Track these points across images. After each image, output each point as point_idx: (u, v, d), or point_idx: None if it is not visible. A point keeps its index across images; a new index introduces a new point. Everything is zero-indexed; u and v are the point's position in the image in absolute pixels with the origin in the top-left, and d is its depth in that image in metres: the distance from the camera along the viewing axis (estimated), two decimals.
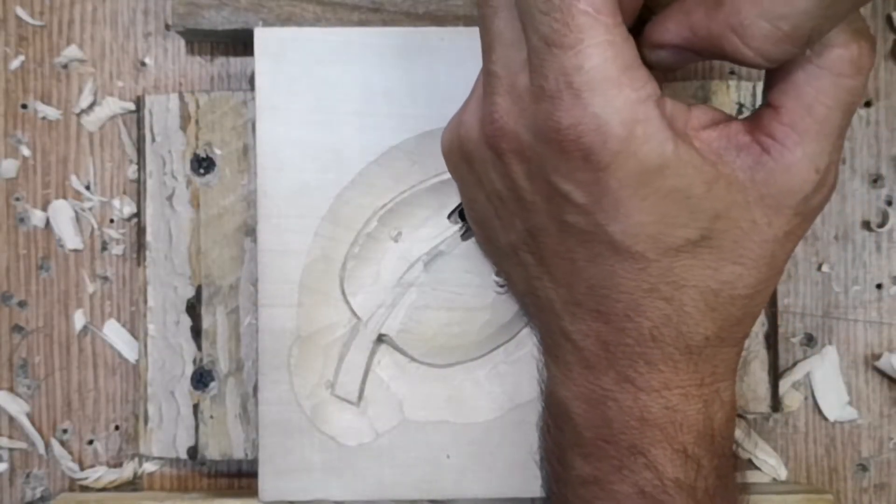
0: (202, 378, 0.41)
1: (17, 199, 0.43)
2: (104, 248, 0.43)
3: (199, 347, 0.41)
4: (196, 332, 0.41)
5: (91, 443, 0.43)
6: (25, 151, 0.43)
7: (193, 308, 0.41)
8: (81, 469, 0.43)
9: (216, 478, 0.44)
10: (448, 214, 0.39)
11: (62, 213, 0.43)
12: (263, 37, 0.39)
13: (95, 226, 0.43)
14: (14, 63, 0.43)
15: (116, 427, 0.43)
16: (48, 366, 0.43)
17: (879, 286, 0.44)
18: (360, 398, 0.39)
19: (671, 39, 0.28)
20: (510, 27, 0.29)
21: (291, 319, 0.39)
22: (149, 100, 0.41)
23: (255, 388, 0.41)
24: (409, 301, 0.39)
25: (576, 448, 0.32)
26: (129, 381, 0.43)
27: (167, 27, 0.43)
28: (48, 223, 0.43)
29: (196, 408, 0.41)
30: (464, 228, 0.39)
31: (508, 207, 0.32)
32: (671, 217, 0.28)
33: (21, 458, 0.43)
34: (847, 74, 0.28)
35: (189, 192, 0.41)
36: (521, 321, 0.39)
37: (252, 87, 0.41)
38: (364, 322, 0.39)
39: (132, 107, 0.43)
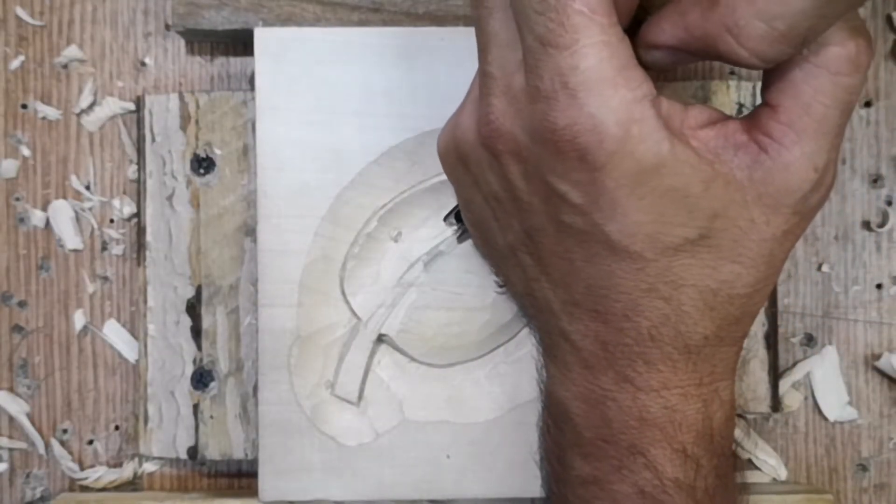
0: (202, 378, 0.41)
1: (17, 199, 0.43)
2: (104, 248, 0.43)
3: (199, 347, 0.41)
4: (196, 332, 0.41)
5: (91, 443, 0.43)
6: (25, 151, 0.43)
7: (193, 308, 0.41)
8: (81, 469, 0.43)
9: (216, 478, 0.44)
10: (444, 217, 0.39)
11: (62, 213, 0.43)
12: (263, 37, 0.39)
13: (95, 226, 0.43)
14: (14, 63, 0.43)
15: (116, 427, 0.43)
16: (48, 366, 0.43)
17: (879, 286, 0.44)
18: (360, 398, 0.39)
19: (666, 40, 0.28)
20: (505, 28, 0.29)
21: (291, 319, 0.39)
22: (149, 100, 0.41)
23: (255, 388, 0.41)
24: (409, 301, 0.39)
25: (575, 448, 0.32)
26: (129, 381, 0.43)
27: (167, 27, 0.43)
28: (48, 223, 0.43)
29: (196, 408, 0.41)
30: (460, 231, 0.39)
31: (505, 208, 0.32)
32: (669, 216, 0.28)
33: (21, 458, 0.43)
34: (845, 73, 0.28)
35: (189, 192, 0.41)
36: (521, 321, 0.39)
37: (252, 87, 0.41)
38: (364, 322, 0.39)
39: (132, 107, 0.43)
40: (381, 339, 0.40)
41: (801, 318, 0.44)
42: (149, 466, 0.43)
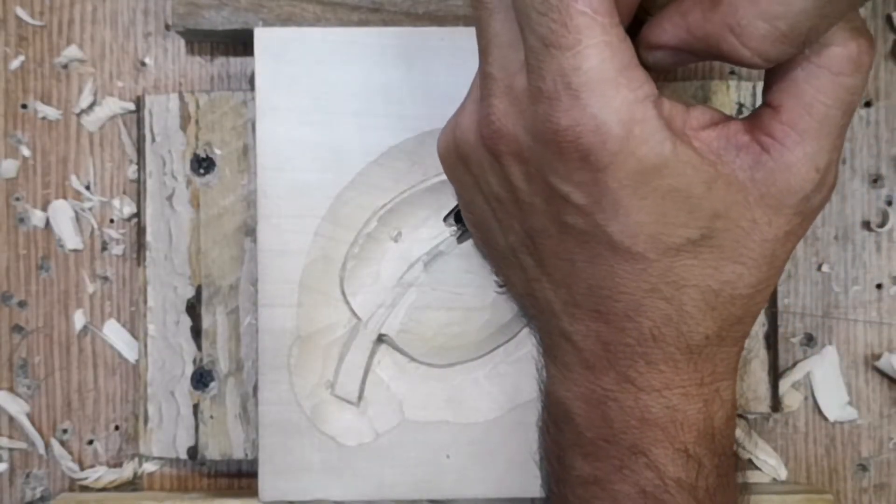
0: (202, 378, 0.41)
1: (17, 199, 0.43)
2: (104, 248, 0.43)
3: (199, 347, 0.41)
4: (196, 332, 0.41)
5: (91, 443, 0.43)
6: (25, 151, 0.43)
7: (193, 308, 0.41)
8: (81, 469, 0.43)
9: (216, 478, 0.44)
10: (444, 217, 0.39)
11: (62, 213, 0.43)
12: (263, 37, 0.39)
13: (95, 226, 0.43)
14: (14, 63, 0.43)
15: (116, 427, 0.43)
16: (48, 366, 0.43)
17: (879, 286, 0.44)
18: (360, 398, 0.39)
19: (668, 40, 0.28)
20: (506, 28, 0.29)
21: (291, 319, 0.39)
22: (149, 100, 0.41)
23: (255, 388, 0.41)
24: (409, 301, 0.39)
25: (576, 448, 0.32)
26: (129, 381, 0.43)
27: (167, 27, 0.43)
28: (48, 223, 0.43)
29: (196, 408, 0.41)
30: (459, 231, 0.39)
31: (507, 209, 0.32)
32: (671, 217, 0.28)
33: (21, 458, 0.43)
34: (846, 73, 0.28)
35: (189, 192, 0.41)
36: (521, 321, 0.39)
37: (252, 87, 0.41)
38: (364, 322, 0.39)
39: (132, 107, 0.43)
40: (381, 339, 0.40)
41: (801, 318, 0.44)
42: (149, 466, 0.43)
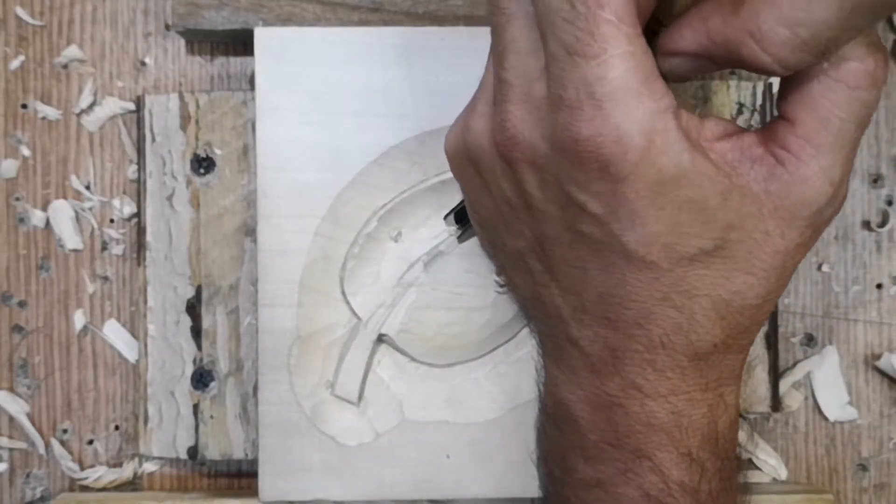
0: (202, 378, 0.41)
1: (17, 199, 0.43)
2: (104, 248, 0.43)
3: (199, 347, 0.41)
4: (196, 332, 0.41)
5: (91, 443, 0.43)
6: (25, 151, 0.43)
7: (193, 308, 0.41)
8: (81, 469, 0.43)
9: (216, 478, 0.44)
10: (445, 216, 0.39)
11: (62, 213, 0.43)
12: (263, 36, 0.39)
13: (95, 226, 0.43)
14: (14, 63, 0.43)
15: (116, 427, 0.43)
16: (48, 366, 0.43)
17: (879, 286, 0.44)
18: (360, 398, 0.39)
19: (687, 46, 0.28)
20: (525, 35, 0.29)
21: (291, 319, 0.39)
22: (149, 100, 0.41)
23: (255, 388, 0.41)
24: (409, 301, 0.39)
25: (578, 450, 0.32)
26: (129, 381, 0.43)
27: (167, 27, 0.43)
28: (48, 223, 0.43)
29: (196, 408, 0.41)
30: (460, 231, 0.39)
31: (518, 215, 0.32)
32: (686, 227, 0.28)
33: (21, 458, 0.43)
34: (863, 87, 0.28)
35: (189, 192, 0.41)
36: (521, 321, 0.39)
37: (252, 87, 0.41)
38: (364, 322, 0.39)
39: (132, 107, 0.43)
40: (381, 339, 0.40)
41: (801, 318, 0.44)
42: (149, 466, 0.43)
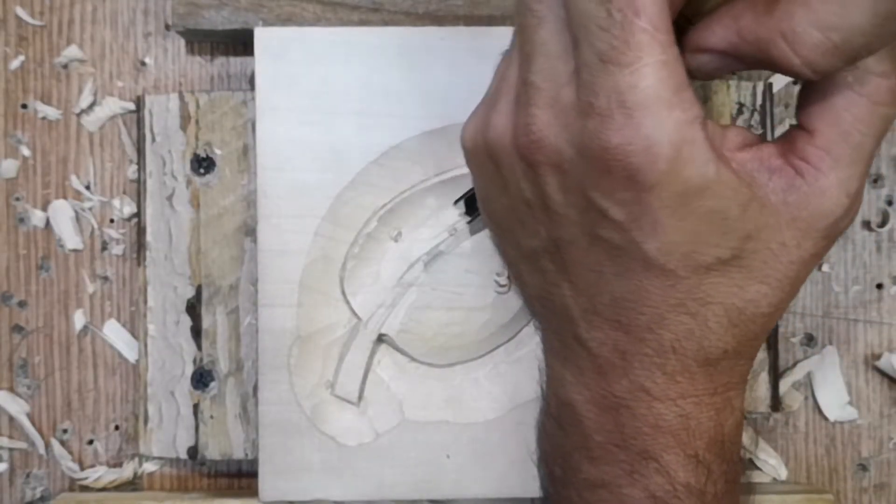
0: (202, 378, 0.41)
1: (17, 199, 0.43)
2: (104, 248, 0.43)
3: (199, 347, 0.41)
4: (196, 332, 0.41)
5: (91, 443, 0.43)
6: (25, 151, 0.43)
7: (193, 308, 0.41)
8: (81, 469, 0.43)
9: (216, 478, 0.44)
10: (455, 201, 0.39)
11: (62, 213, 0.43)
12: (263, 36, 0.39)
13: (95, 226, 0.43)
14: (14, 63, 0.43)
15: (116, 427, 0.43)
16: (48, 366, 0.43)
17: (879, 286, 0.44)
18: (360, 398, 0.39)
19: (716, 44, 0.28)
20: (556, 39, 0.28)
21: (291, 319, 0.39)
22: (149, 100, 0.41)
23: (255, 388, 0.41)
24: (409, 301, 0.39)
25: (583, 451, 0.32)
26: (129, 381, 0.43)
27: (167, 27, 0.43)
28: (48, 223, 0.43)
29: (196, 408, 0.41)
30: (471, 217, 0.39)
31: (535, 216, 0.32)
32: (705, 236, 0.29)
33: (21, 458, 0.43)
34: (886, 103, 0.28)
35: (189, 192, 0.41)
36: (521, 321, 0.39)
37: (252, 87, 0.41)
38: (364, 322, 0.39)
39: (132, 107, 0.43)
40: (381, 339, 0.40)
41: (801, 318, 0.44)
42: (149, 466, 0.43)
